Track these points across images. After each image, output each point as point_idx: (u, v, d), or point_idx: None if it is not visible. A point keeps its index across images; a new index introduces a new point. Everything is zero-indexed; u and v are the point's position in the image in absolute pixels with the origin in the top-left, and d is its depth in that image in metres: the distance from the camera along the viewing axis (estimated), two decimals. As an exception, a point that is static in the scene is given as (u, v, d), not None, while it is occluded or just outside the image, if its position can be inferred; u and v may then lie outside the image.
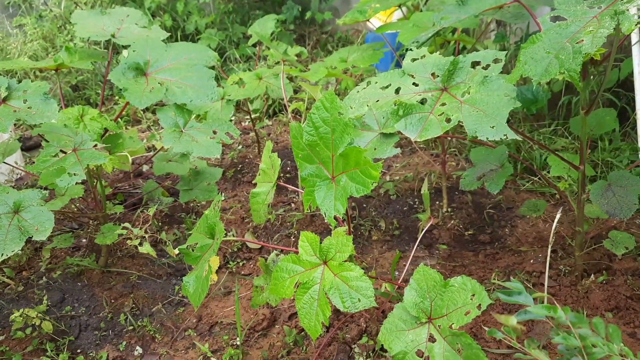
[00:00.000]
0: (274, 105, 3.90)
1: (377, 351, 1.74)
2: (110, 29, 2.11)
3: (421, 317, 1.15)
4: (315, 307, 1.35)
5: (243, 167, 3.20)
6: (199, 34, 4.78)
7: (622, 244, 1.86)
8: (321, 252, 1.39)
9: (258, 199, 1.67)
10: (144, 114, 4.06)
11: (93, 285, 2.20)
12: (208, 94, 1.88)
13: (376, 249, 2.36)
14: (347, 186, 1.32)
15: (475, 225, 2.48)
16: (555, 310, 0.98)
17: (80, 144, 1.69)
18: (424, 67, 1.49)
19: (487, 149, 2.05)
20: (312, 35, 4.96)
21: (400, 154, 3.19)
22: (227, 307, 2.11)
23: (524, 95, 2.94)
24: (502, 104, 1.31)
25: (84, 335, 1.99)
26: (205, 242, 1.54)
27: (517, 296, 1.02)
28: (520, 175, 2.85)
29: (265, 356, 1.84)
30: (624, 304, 1.89)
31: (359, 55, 2.36)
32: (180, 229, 2.60)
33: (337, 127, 1.33)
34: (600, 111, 2.03)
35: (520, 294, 1.03)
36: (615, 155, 2.78)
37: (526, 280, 2.06)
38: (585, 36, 1.20)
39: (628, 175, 1.74)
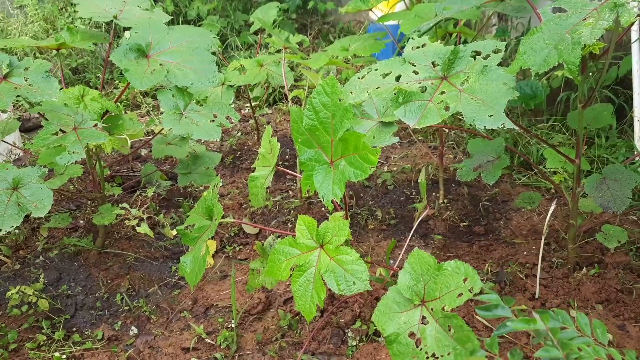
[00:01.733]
0: (274, 94, 3.91)
1: (370, 335, 1.77)
2: (113, 11, 2.11)
3: (414, 299, 1.17)
4: (310, 290, 1.37)
5: (242, 154, 3.21)
6: (201, 20, 4.77)
7: (614, 237, 1.89)
8: (318, 235, 1.41)
9: (257, 182, 1.69)
10: (144, 98, 4.06)
11: (90, 265, 2.22)
12: (209, 77, 1.89)
13: (372, 238, 2.38)
14: (346, 171, 1.33)
15: (471, 217, 2.50)
16: (534, 322, 0.98)
17: (80, 123, 1.70)
18: (425, 55, 1.50)
19: (484, 140, 2.07)
20: (314, 25, 4.95)
21: (399, 145, 3.20)
22: (222, 291, 2.13)
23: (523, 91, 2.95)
24: (500, 93, 1.33)
25: (79, 314, 2.01)
26: (203, 223, 1.55)
27: (496, 310, 1.01)
28: (517, 169, 2.86)
29: (259, 339, 1.86)
30: (614, 297, 1.91)
31: (360, 45, 2.37)
32: (177, 212, 2.61)
33: (337, 111, 1.34)
34: (597, 106, 2.04)
35: (498, 307, 1.02)
36: (611, 152, 2.80)
37: (519, 271, 2.09)
38: (584, 28, 1.21)
39: (622, 169, 1.76)
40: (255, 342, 1.85)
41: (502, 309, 1.00)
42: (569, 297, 1.94)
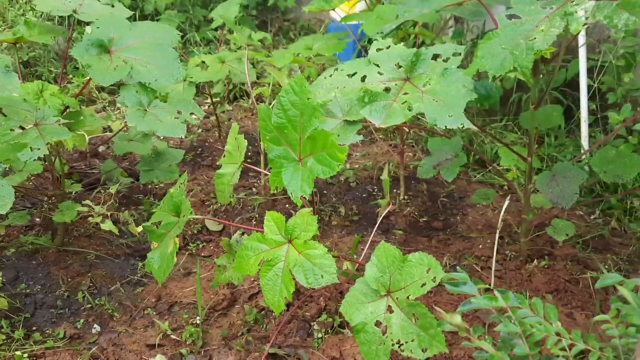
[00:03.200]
0: (235, 90, 3.90)
1: (335, 327, 1.81)
2: (72, 4, 2.07)
3: (381, 290, 1.22)
4: (279, 284, 1.40)
5: (203, 151, 3.20)
6: (158, 14, 4.69)
7: (563, 231, 2.00)
8: (286, 231, 1.44)
9: (223, 179, 1.71)
10: (99, 93, 3.97)
11: (48, 263, 2.17)
12: (173, 74, 1.89)
13: (336, 234, 2.43)
14: (314, 168, 1.37)
15: (430, 212, 2.59)
16: (495, 299, 1.07)
17: (42, 119, 1.67)
18: (389, 57, 1.56)
19: (443, 139, 2.15)
20: (274, 22, 4.96)
21: (360, 144, 3.27)
22: (186, 288, 2.13)
23: (478, 91, 3.06)
24: (460, 95, 1.40)
25: (39, 313, 1.97)
26: (169, 220, 1.56)
27: (463, 286, 1.10)
28: (472, 166, 2.98)
29: (225, 334, 1.88)
30: (562, 287, 2.03)
31: (323, 44, 2.41)
32: (138, 210, 2.59)
33: (305, 110, 1.38)
34: (548, 107, 2.16)
35: (466, 284, 1.11)
36: (560, 151, 2.95)
37: (475, 264, 2.18)
38: (537, 34, 1.29)
39: (571, 167, 1.87)
40: (221, 337, 1.87)
41: (469, 286, 1.07)
42: (522, 287, 2.05)
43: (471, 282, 1.08)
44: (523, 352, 1.00)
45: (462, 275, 1.08)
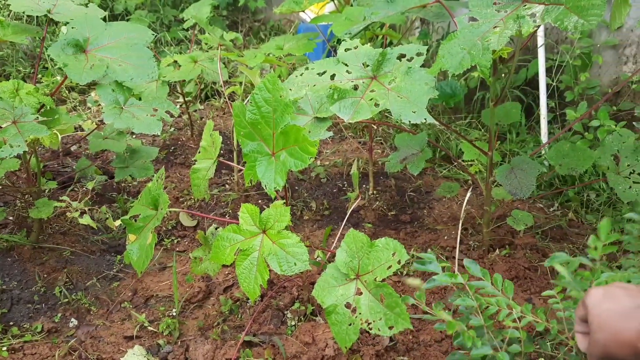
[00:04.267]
0: (206, 90, 3.94)
1: (307, 315, 1.90)
2: (46, 5, 2.09)
3: (350, 274, 1.31)
4: (254, 272, 1.47)
5: (176, 149, 3.24)
6: (129, 15, 4.70)
7: (522, 221, 2.13)
8: (260, 222, 1.51)
9: (199, 174, 1.77)
10: (69, 93, 3.97)
11: (24, 260, 2.19)
12: (149, 72, 1.94)
13: (307, 228, 2.51)
14: (287, 161, 1.45)
15: (398, 206, 2.69)
16: (455, 276, 1.17)
17: (20, 117, 1.71)
18: (357, 56, 1.65)
19: (409, 135, 2.25)
20: (244, 23, 5.01)
21: (330, 141, 3.35)
22: (162, 282, 2.18)
23: (443, 90, 3.19)
24: (423, 92, 1.50)
25: (16, 309, 1.99)
26: (147, 213, 1.61)
27: (429, 265, 1.20)
28: (439, 162, 3.10)
29: (201, 325, 1.94)
30: (522, 274, 2.16)
31: (294, 44, 2.49)
32: (112, 207, 2.62)
33: (278, 107, 1.45)
34: (507, 104, 2.28)
35: (432, 263, 1.21)
36: (521, 147, 3.09)
37: (441, 254, 2.29)
38: (493, 35, 1.40)
39: (528, 160, 1.99)
40: (197, 327, 1.93)
41: (434, 265, 1.17)
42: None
43: (436, 262, 1.18)
44: (478, 323, 1.10)
45: (428, 255, 1.17)
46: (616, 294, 0.86)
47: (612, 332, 0.83)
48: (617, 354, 0.83)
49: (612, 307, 0.85)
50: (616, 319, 0.83)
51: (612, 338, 0.83)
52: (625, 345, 0.81)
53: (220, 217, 2.55)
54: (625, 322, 0.81)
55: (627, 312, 0.82)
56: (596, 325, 0.86)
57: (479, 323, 1.10)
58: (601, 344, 0.85)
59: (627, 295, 0.85)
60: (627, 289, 0.87)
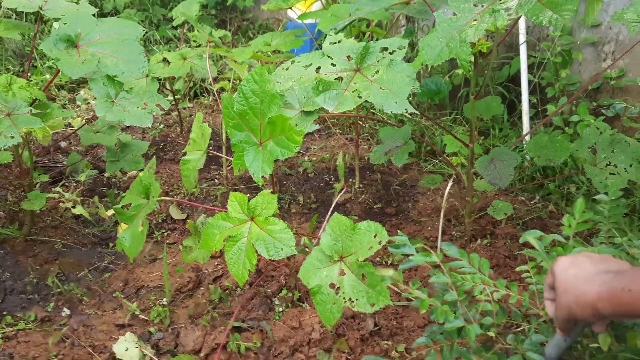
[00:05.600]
0: (195, 88, 3.99)
1: (294, 301, 1.95)
2: (38, 1, 2.14)
3: (334, 256, 1.37)
4: (242, 258, 1.53)
5: (165, 146, 3.29)
6: (118, 13, 4.73)
7: (502, 210, 2.21)
8: (249, 209, 1.57)
9: (189, 165, 1.82)
10: (59, 91, 4.00)
11: (17, 252, 2.23)
12: (139, 67, 1.99)
13: (295, 220, 2.57)
14: (274, 150, 1.51)
15: (383, 200, 2.76)
16: (430, 256, 1.23)
17: (14, 109, 1.75)
18: (341, 50, 1.71)
19: (393, 128, 2.32)
20: (233, 21, 5.07)
21: (318, 137, 3.42)
22: (152, 273, 2.23)
23: (429, 87, 3.27)
24: (404, 83, 1.56)
25: (9, 299, 2.03)
26: (139, 202, 1.66)
27: (403, 248, 1.27)
28: (424, 157, 3.17)
29: (191, 313, 1.99)
30: (502, 262, 2.23)
31: (281, 40, 2.55)
32: (102, 201, 2.65)
33: (265, 98, 1.51)
34: (488, 98, 2.36)
35: (405, 246, 1.27)
36: (504, 142, 3.17)
37: (424, 244, 2.36)
38: (470, 29, 1.47)
39: (507, 150, 2.07)
40: (187, 315, 1.98)
41: (409, 247, 1.23)
42: (466, 264, 2.23)
43: (410, 244, 1.24)
44: (452, 298, 1.17)
45: (401, 238, 1.24)
46: (581, 262, 0.94)
47: (575, 295, 0.90)
48: (579, 315, 0.90)
49: (577, 272, 0.92)
50: (579, 283, 0.91)
51: (575, 300, 0.90)
52: (587, 307, 0.88)
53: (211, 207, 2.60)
54: (587, 285, 0.89)
55: (589, 277, 0.90)
56: (562, 289, 0.94)
57: (453, 298, 1.17)
58: (566, 305, 0.92)
59: (590, 262, 0.93)
60: (591, 257, 0.95)
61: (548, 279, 1.01)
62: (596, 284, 0.87)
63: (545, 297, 1.03)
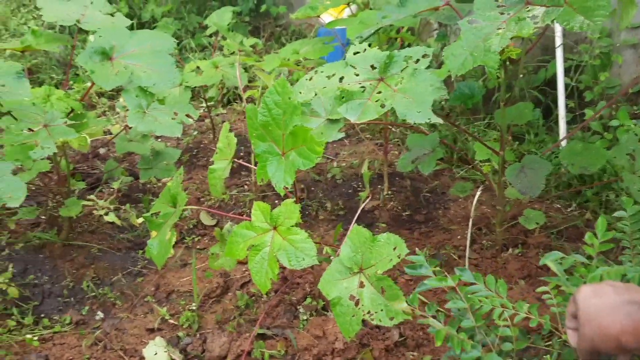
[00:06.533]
0: (229, 95, 4.05)
1: (319, 310, 1.96)
2: (75, 15, 2.22)
3: (354, 268, 1.37)
4: (265, 266, 1.54)
5: (198, 152, 3.35)
6: (155, 22, 4.85)
7: (534, 220, 2.15)
8: (271, 219, 1.59)
9: (215, 174, 1.85)
10: (99, 99, 4.13)
11: (55, 257, 2.32)
12: (171, 78, 2.04)
13: (322, 227, 2.58)
14: (295, 161, 1.52)
15: (413, 207, 2.74)
16: (445, 279, 1.21)
17: (50, 121, 1.82)
18: (365, 59, 1.71)
19: (421, 135, 2.30)
20: (266, 28, 5.12)
21: (348, 143, 3.42)
22: (183, 278, 2.28)
23: (462, 91, 3.20)
24: (427, 92, 1.55)
25: (47, 302, 2.11)
26: (167, 211, 1.70)
27: (420, 269, 1.24)
28: (456, 164, 3.13)
29: (218, 318, 2.02)
30: (534, 273, 2.18)
31: (310, 48, 2.56)
32: (137, 207, 2.73)
33: (287, 109, 1.53)
34: (520, 104, 2.31)
35: (422, 267, 1.25)
36: (539, 147, 3.10)
37: (453, 253, 2.33)
38: (495, 37, 1.44)
39: (538, 159, 2.02)
40: (215, 321, 2.01)
41: (425, 268, 1.22)
42: (496, 274, 2.19)
43: (427, 265, 1.22)
44: (469, 324, 1.14)
45: (418, 258, 1.22)
46: (604, 291, 0.90)
47: (598, 326, 0.87)
48: (602, 348, 0.87)
49: (600, 302, 0.88)
50: (602, 314, 0.87)
51: (598, 332, 0.86)
52: (610, 339, 0.84)
53: (238, 216, 2.64)
54: (610, 316, 0.85)
55: (612, 307, 0.86)
56: (584, 319, 0.90)
57: (470, 325, 1.14)
58: (589, 337, 0.89)
59: (614, 292, 0.89)
60: (615, 286, 0.91)
61: (570, 308, 0.97)
62: (620, 315, 0.84)
63: (567, 326, 0.99)
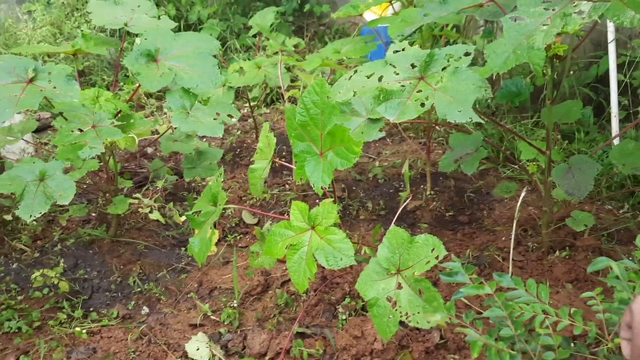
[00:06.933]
0: (272, 94, 4.09)
1: (358, 310, 1.96)
2: (123, 18, 2.29)
3: (391, 269, 1.36)
4: (303, 266, 1.56)
5: (241, 151, 3.40)
6: (201, 24, 4.95)
7: (582, 222, 2.08)
8: (310, 218, 1.60)
9: (256, 173, 1.88)
10: (148, 99, 4.25)
11: (103, 253, 2.41)
12: (213, 79, 2.08)
13: (363, 227, 2.57)
14: (333, 160, 1.52)
15: (456, 207, 2.69)
16: (482, 287, 1.17)
17: (98, 122, 1.89)
18: (404, 58, 1.69)
19: (464, 135, 2.25)
20: (310, 27, 5.14)
21: (390, 142, 3.39)
22: (225, 275, 2.32)
23: (509, 89, 3.14)
24: (469, 91, 1.51)
25: (96, 296, 2.20)
26: (208, 209, 1.74)
27: (456, 276, 1.20)
28: (503, 163, 3.05)
29: (259, 316, 2.05)
30: (582, 276, 2.10)
31: (351, 47, 2.56)
32: (183, 205, 2.80)
33: (325, 109, 1.53)
34: (568, 102, 2.23)
35: (458, 274, 1.21)
36: (590, 146, 2.98)
37: (497, 255, 2.27)
38: (538, 34, 1.40)
39: (587, 159, 1.94)
40: (255, 318, 2.04)
41: (462, 275, 1.18)
42: (542, 277, 2.13)
43: (463, 272, 1.18)
44: (509, 333, 1.10)
45: (454, 264, 1.19)
46: None
47: None
48: None
49: None
50: None
51: None
52: None
53: (279, 215, 2.66)
54: None
55: None
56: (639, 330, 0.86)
57: (510, 334, 1.10)
58: None
59: None
60: None
61: (626, 317, 0.93)
62: None
63: (621, 337, 0.95)
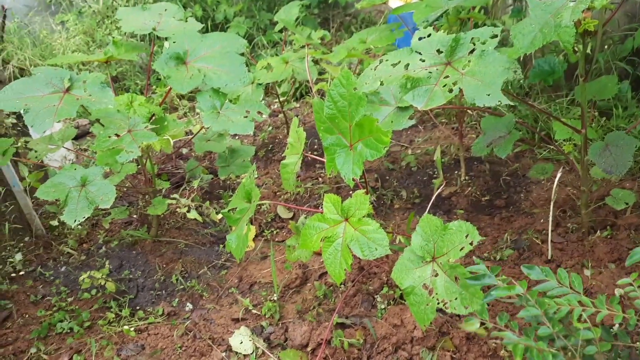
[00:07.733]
0: (301, 88, 4.11)
1: (397, 299, 1.96)
2: (151, 23, 2.35)
3: (426, 257, 1.36)
4: (339, 257, 1.57)
5: (273, 147, 3.43)
6: (228, 22, 5.01)
7: (622, 200, 2.02)
8: (343, 210, 1.61)
9: (287, 169, 1.90)
10: (180, 101, 4.33)
11: (146, 253, 2.49)
12: (240, 78, 2.11)
13: (398, 216, 2.57)
14: (363, 152, 1.53)
15: (492, 191, 2.65)
16: (513, 288, 1.14)
17: (134, 126, 1.95)
18: (430, 44, 1.67)
19: (495, 118, 2.22)
20: (335, 18, 5.13)
21: (422, 129, 3.36)
22: (264, 270, 2.36)
23: (542, 68, 3.06)
24: (497, 74, 1.49)
25: (141, 295, 2.27)
26: (243, 206, 1.77)
27: (484, 279, 1.17)
28: (538, 144, 2.99)
29: (299, 308, 2.08)
30: (626, 255, 2.05)
31: (377, 36, 2.55)
32: (219, 203, 2.85)
33: (352, 100, 1.53)
34: (603, 78, 2.17)
35: (485, 277, 1.17)
36: (629, 122, 2.89)
37: (536, 238, 2.24)
38: (565, 11, 1.37)
39: (624, 135, 1.89)
40: (295, 311, 2.07)
41: (489, 277, 1.17)
42: (583, 258, 2.09)
43: (490, 273, 1.16)
44: (546, 332, 1.08)
45: (480, 267, 1.16)
46: None
47: None
48: None
49: None
50: None
51: None
52: None
53: (313, 208, 2.68)
54: None
55: None
56: None
57: (547, 333, 1.08)
58: None
59: None
60: None
61: None
62: None
63: None
